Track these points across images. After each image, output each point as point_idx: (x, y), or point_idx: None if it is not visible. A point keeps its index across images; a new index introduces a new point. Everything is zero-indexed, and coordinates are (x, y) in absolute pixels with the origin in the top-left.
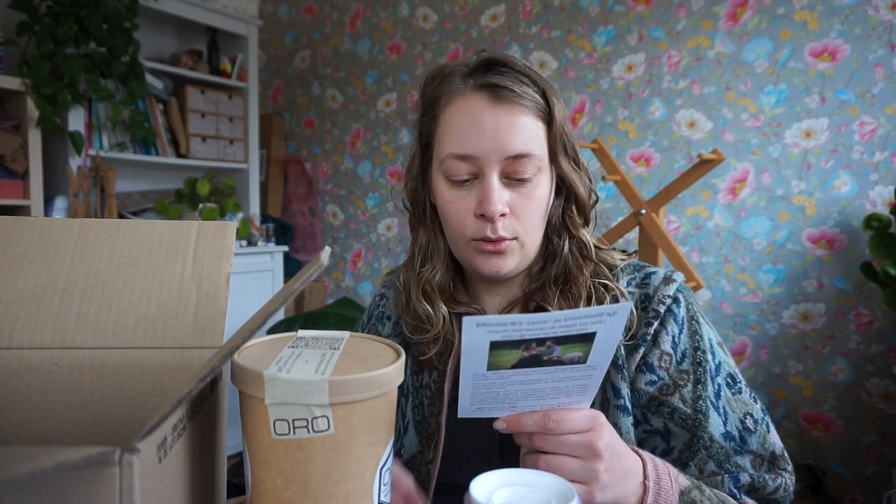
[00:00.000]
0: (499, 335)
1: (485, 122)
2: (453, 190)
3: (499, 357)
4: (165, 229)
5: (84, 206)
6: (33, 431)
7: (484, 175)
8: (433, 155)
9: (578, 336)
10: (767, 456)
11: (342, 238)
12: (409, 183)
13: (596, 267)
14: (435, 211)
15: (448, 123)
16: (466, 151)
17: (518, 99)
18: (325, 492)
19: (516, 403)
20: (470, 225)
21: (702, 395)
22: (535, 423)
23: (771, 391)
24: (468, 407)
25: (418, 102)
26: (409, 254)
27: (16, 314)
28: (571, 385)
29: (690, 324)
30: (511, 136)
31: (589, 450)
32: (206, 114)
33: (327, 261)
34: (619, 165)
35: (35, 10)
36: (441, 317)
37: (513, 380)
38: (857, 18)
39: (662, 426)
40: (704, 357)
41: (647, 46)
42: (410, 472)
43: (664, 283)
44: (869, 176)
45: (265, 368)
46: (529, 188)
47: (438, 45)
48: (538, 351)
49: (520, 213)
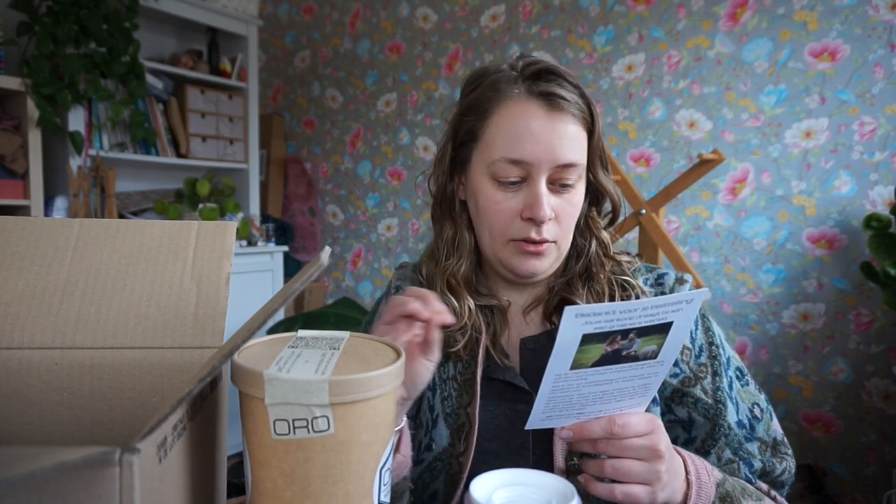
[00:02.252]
0: (592, 326)
1: (539, 130)
2: (500, 191)
3: (584, 353)
4: (165, 229)
5: (84, 206)
6: (33, 431)
7: (533, 180)
8: (473, 154)
9: (658, 326)
10: (771, 442)
11: (342, 238)
12: (439, 177)
13: (614, 265)
14: (464, 206)
15: (500, 126)
16: (520, 156)
17: (569, 108)
18: (325, 492)
19: (584, 409)
20: (515, 226)
21: (720, 386)
22: (601, 429)
23: (771, 391)
24: (540, 416)
25: (459, 101)
26: (431, 247)
27: (16, 314)
28: (637, 384)
29: (703, 321)
30: (562, 145)
31: (652, 452)
32: (206, 114)
33: (327, 261)
34: (619, 165)
35: (35, 10)
36: (467, 308)
37: (589, 380)
38: (857, 18)
39: (687, 416)
40: (718, 351)
41: (647, 46)
42: (442, 465)
43: (678, 284)
44: (869, 176)
45: (265, 368)
46: (571, 194)
47: (438, 45)
48: (620, 345)
49: (561, 217)
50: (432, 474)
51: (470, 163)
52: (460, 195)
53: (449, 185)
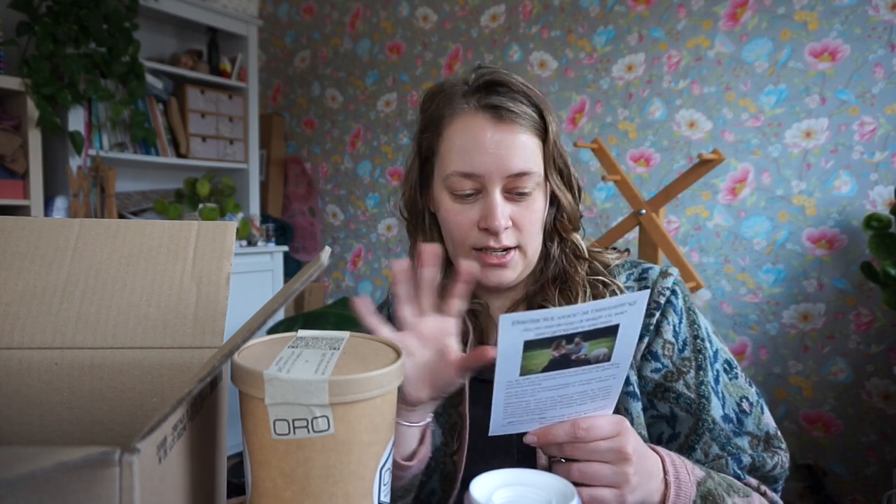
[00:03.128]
0: (532, 333)
1: (487, 142)
2: (457, 203)
3: (531, 360)
4: (165, 229)
5: (84, 206)
6: (33, 431)
7: (487, 191)
8: (435, 170)
9: (603, 330)
10: (763, 436)
11: (342, 238)
12: (406, 192)
13: (591, 266)
14: (434, 219)
15: (451, 142)
16: (470, 170)
17: (518, 119)
18: (325, 492)
19: (545, 414)
20: (473, 236)
21: (703, 380)
22: (565, 433)
23: (771, 391)
24: (500, 422)
25: (418, 118)
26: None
27: (16, 314)
28: (597, 388)
29: (688, 314)
30: (512, 156)
31: (618, 454)
32: (206, 114)
33: (327, 261)
34: (619, 165)
35: (35, 10)
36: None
37: (543, 385)
38: (857, 18)
39: (669, 411)
40: (703, 345)
41: (647, 46)
42: (436, 464)
43: (662, 277)
44: (869, 176)
45: (265, 368)
46: (529, 201)
47: (438, 45)
48: (567, 350)
49: (521, 224)
50: (427, 473)
51: (433, 178)
52: (430, 208)
53: (420, 200)
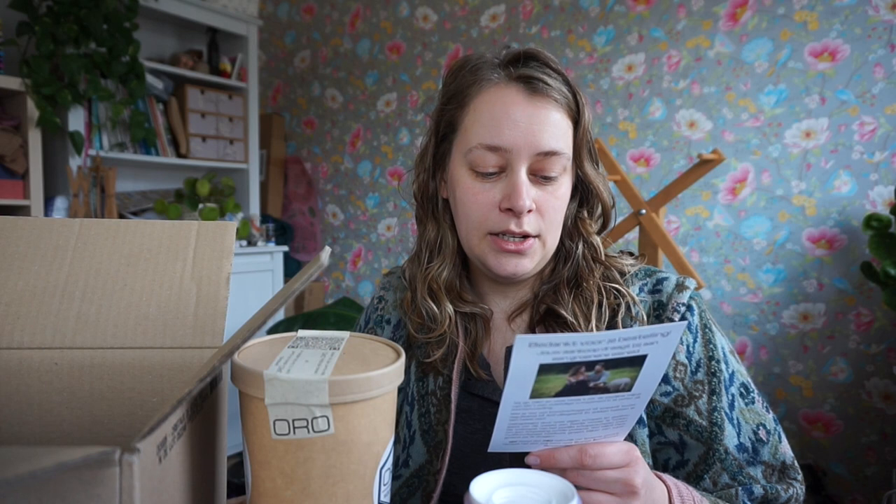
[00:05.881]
0: (550, 357)
1: (519, 115)
2: (477, 182)
3: (544, 383)
4: (165, 229)
5: (84, 206)
6: (33, 431)
7: (512, 169)
8: (454, 145)
9: (629, 359)
10: (778, 466)
11: (342, 238)
12: (420, 174)
13: (606, 271)
14: (446, 205)
15: (478, 113)
16: (498, 142)
17: (552, 93)
18: (325, 492)
19: (552, 437)
20: (493, 218)
21: (717, 406)
22: (571, 458)
23: (771, 391)
24: (502, 440)
25: (440, 92)
26: (415, 249)
27: (16, 314)
28: (612, 416)
29: (704, 332)
30: (544, 132)
31: (626, 486)
32: (206, 114)
33: (327, 261)
34: (619, 165)
35: (35, 10)
36: (447, 316)
37: (554, 409)
38: (857, 18)
39: (678, 438)
40: (718, 367)
41: (647, 46)
42: (419, 482)
43: (677, 291)
44: (869, 176)
45: (265, 368)
46: (555, 187)
47: (438, 45)
48: (586, 376)
49: (544, 210)
50: (409, 490)
51: (450, 156)
52: (443, 194)
53: (431, 183)
